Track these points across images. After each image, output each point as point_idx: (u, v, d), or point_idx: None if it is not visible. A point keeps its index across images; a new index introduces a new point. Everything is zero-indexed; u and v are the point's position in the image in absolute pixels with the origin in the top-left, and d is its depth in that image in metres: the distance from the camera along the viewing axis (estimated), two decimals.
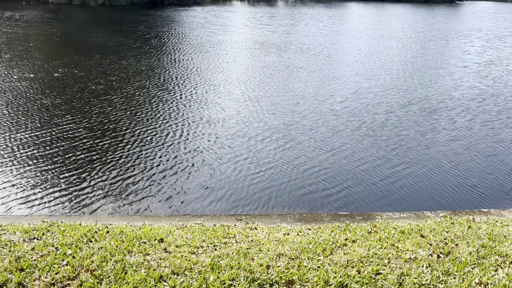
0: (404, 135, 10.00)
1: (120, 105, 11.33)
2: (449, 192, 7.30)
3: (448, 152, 9.11)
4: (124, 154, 8.27)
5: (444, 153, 9.05)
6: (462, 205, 6.88)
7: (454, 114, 11.75)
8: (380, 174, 7.91)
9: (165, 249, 4.38)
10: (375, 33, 31.97)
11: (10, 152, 8.17)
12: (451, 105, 12.72)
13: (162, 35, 26.02)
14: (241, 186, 7.25)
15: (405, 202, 6.94)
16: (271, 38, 26.70)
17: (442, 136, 10.11)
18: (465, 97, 13.65)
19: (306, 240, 4.75)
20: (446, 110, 12.17)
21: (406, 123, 10.92)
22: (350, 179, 7.67)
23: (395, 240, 4.78)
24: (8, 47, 19.41)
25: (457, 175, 8.01)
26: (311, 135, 9.76)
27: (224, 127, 10.01)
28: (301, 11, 52.13)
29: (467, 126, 10.84)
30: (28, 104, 11.11)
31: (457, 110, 12.14)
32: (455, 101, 13.13)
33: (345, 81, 15.41)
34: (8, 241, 4.34)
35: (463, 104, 12.85)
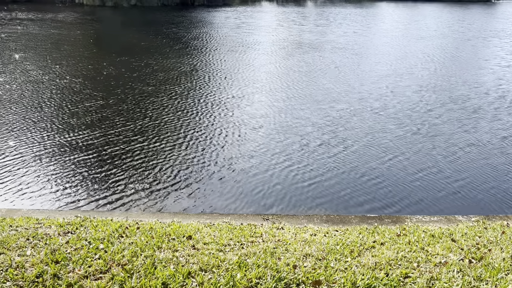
0: (439, 136, 9.77)
1: (157, 105, 11.57)
2: (483, 196, 7.09)
3: (485, 153, 8.84)
4: (155, 153, 8.44)
5: (481, 155, 8.80)
6: (496, 209, 6.67)
7: (495, 114, 11.38)
8: (410, 176, 7.77)
9: (193, 246, 4.46)
10: (410, 32, 31.41)
11: (49, 149, 8.47)
12: (492, 105, 12.33)
13: (199, 35, 26.38)
14: (268, 185, 7.27)
15: (435, 205, 6.79)
16: (307, 38, 26.79)
17: (481, 137, 9.82)
18: (508, 97, 13.19)
19: (334, 241, 4.73)
20: (487, 110, 11.81)
21: (443, 123, 10.67)
22: (379, 180, 7.57)
23: (424, 243, 4.70)
24: (55, 47, 20.13)
25: (492, 178, 7.77)
26: (342, 134, 9.68)
27: (256, 126, 10.05)
28: (333, 11, 51.71)
29: (508, 127, 10.49)
30: (69, 105, 11.49)
31: (499, 110, 11.76)
32: (497, 101, 12.70)
33: (382, 80, 15.25)
34: (44, 234, 4.51)
35: (505, 104, 12.42)
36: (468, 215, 6.06)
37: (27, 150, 8.33)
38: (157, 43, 22.79)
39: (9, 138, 8.87)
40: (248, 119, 10.66)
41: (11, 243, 4.21)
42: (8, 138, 8.87)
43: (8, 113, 10.47)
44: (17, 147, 8.47)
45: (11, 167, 7.59)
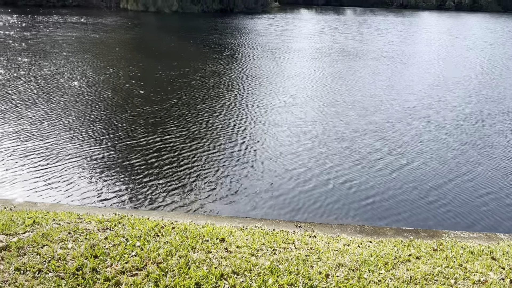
0: (487, 148, 9.45)
1: (203, 109, 11.79)
2: None
3: None
4: (191, 156, 8.59)
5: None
6: None
7: None
8: (451, 190, 7.54)
9: (226, 248, 4.51)
10: (457, 42, 30.69)
11: (94, 149, 8.80)
12: None
13: (244, 42, 26.78)
14: (300, 192, 7.25)
15: (475, 221, 6.55)
16: (352, 46, 26.86)
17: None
18: None
19: (367, 253, 4.66)
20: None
21: (494, 134, 10.33)
22: (417, 192, 7.39)
23: (463, 260, 4.55)
24: (107, 50, 20.94)
25: None
26: (380, 144, 9.53)
27: (294, 132, 10.06)
28: (376, 19, 51.14)
29: None
30: (120, 108, 11.90)
31: None
32: None
33: (428, 90, 14.99)
34: (84, 229, 4.69)
35: None
36: (511, 234, 5.82)
37: (74, 149, 8.67)
38: (203, 49, 23.24)
39: (62, 137, 9.28)
40: (293, 125, 10.66)
41: (54, 236, 4.40)
42: (62, 137, 9.27)
43: (66, 113, 10.95)
44: (66, 145, 8.84)
45: (57, 164, 7.93)
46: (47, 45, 21.78)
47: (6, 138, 9.03)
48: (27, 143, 8.80)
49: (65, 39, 24.00)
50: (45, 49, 20.60)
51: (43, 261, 3.86)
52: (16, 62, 17.07)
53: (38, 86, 13.49)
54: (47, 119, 10.34)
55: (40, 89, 13.15)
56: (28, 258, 3.89)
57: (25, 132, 9.40)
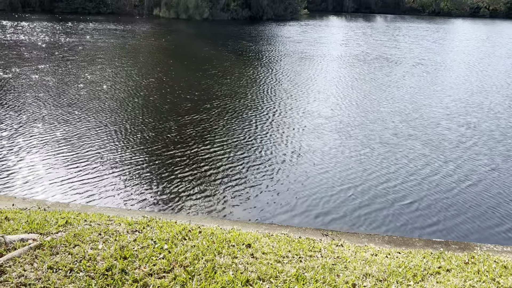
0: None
1: (226, 115, 11.92)
2: None
3: None
4: (219, 162, 8.67)
5: None
6: None
7: None
8: (483, 200, 7.32)
9: (252, 254, 4.52)
10: (497, 50, 30.03)
11: (117, 151, 9.01)
12: None
13: (281, 49, 26.94)
14: (328, 201, 7.19)
15: (507, 235, 6.33)
16: (389, 52, 26.83)
17: None
18: None
19: (396, 263, 4.57)
20: None
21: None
22: (448, 203, 7.20)
23: (496, 274, 4.40)
24: (149, 56, 21.51)
25: None
26: (409, 153, 9.35)
27: (321, 140, 10.01)
28: (408, 27, 50.43)
29: None
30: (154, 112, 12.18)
31: None
32: None
33: (461, 97, 14.69)
34: (114, 231, 4.80)
35: None
36: None
37: (104, 152, 8.91)
38: (240, 57, 23.43)
39: (99, 141, 9.55)
40: (316, 133, 10.62)
41: (85, 236, 4.52)
42: (99, 141, 9.55)
43: (107, 117, 11.28)
44: (96, 149, 9.09)
45: (91, 166, 8.16)
46: (91, 51, 22.53)
47: (48, 141, 9.37)
48: (63, 145, 9.10)
49: (107, 45, 24.79)
50: (90, 55, 21.30)
51: (75, 260, 3.97)
52: (64, 67, 17.69)
53: (85, 91, 13.92)
54: (90, 123, 10.66)
55: (88, 94, 13.57)
56: (61, 257, 4.01)
57: (62, 135, 9.72)
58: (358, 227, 6.41)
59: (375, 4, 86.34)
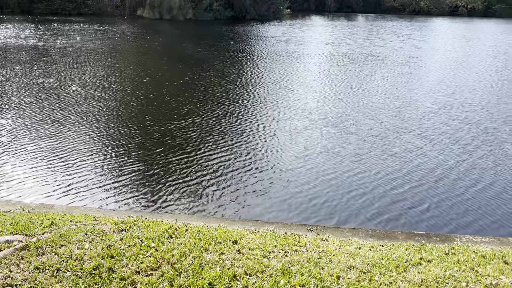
0: (496, 153, 9.39)
1: (207, 112, 11.94)
2: None
3: None
4: (204, 160, 8.70)
5: None
6: None
7: None
8: (462, 193, 7.52)
9: (238, 250, 4.58)
10: (481, 48, 30.74)
11: (99, 150, 8.97)
12: None
13: (267, 48, 26.81)
14: (313, 197, 7.29)
15: (488, 226, 6.52)
16: (378, 51, 27.16)
17: None
18: None
19: (379, 256, 4.69)
20: None
21: (491, 141, 10.25)
22: (429, 197, 7.38)
23: (474, 264, 4.55)
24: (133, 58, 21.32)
25: None
26: (390, 150, 9.53)
27: (305, 138, 10.12)
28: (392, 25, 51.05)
29: None
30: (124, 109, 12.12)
31: None
32: None
33: (431, 95, 14.95)
34: (100, 231, 4.81)
35: None
36: None
37: (84, 152, 8.85)
38: (224, 56, 23.37)
39: (82, 142, 9.48)
40: (304, 128, 10.73)
41: (72, 236, 4.52)
42: (81, 142, 9.48)
43: (89, 119, 11.17)
44: (73, 148, 9.03)
45: (74, 167, 8.10)
46: (81, 52, 22.19)
47: (29, 141, 9.26)
48: (47, 146, 9.01)
49: (96, 47, 24.36)
50: (81, 56, 20.98)
51: (61, 260, 3.98)
52: (55, 70, 17.37)
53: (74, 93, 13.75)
54: (70, 124, 10.56)
55: (77, 96, 13.37)
56: (47, 257, 4.01)
57: (47, 136, 9.62)
58: (343, 222, 6.52)
59: (356, 4, 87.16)
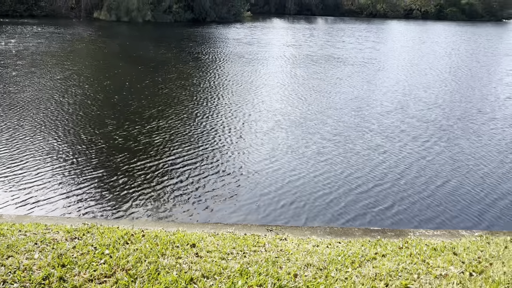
0: (438, 153, 9.78)
1: (171, 115, 11.76)
2: (488, 211, 7.08)
3: (490, 169, 8.84)
4: (161, 163, 8.57)
5: (486, 170, 8.79)
6: (501, 225, 6.66)
7: (496, 135, 11.39)
8: (415, 190, 7.79)
9: (196, 253, 4.54)
10: (426, 49, 31.95)
11: (54, 156, 8.65)
12: (495, 123, 12.36)
13: (228, 51, 26.72)
14: (272, 197, 7.34)
15: (439, 219, 6.79)
16: (337, 52, 27.71)
17: (485, 152, 9.84)
18: (506, 117, 13.22)
19: (335, 252, 4.78)
20: (488, 130, 11.81)
21: (440, 140, 10.69)
22: (384, 194, 7.60)
23: (426, 256, 4.72)
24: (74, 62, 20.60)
25: (497, 193, 7.76)
26: (346, 148, 9.74)
27: (261, 138, 10.16)
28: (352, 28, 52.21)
29: (509, 145, 10.48)
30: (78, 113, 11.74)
31: (499, 131, 11.75)
32: (497, 122, 12.73)
33: (390, 95, 15.42)
34: (52, 239, 4.63)
35: (506, 125, 12.43)
36: (472, 230, 6.07)
37: (39, 158, 8.51)
38: (183, 59, 23.18)
39: (22, 145, 9.09)
40: (260, 131, 10.77)
41: (20, 246, 4.33)
42: (21, 145, 9.08)
43: (38, 124, 10.71)
44: (29, 154, 8.67)
45: (23, 174, 7.76)
46: (36, 55, 21.32)
47: None
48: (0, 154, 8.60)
49: (52, 50, 23.46)
50: (36, 60, 20.13)
51: (8, 272, 3.80)
52: (8, 75, 16.57)
53: (30, 98, 13.17)
54: (27, 130, 10.11)
55: (33, 101, 12.81)
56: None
57: (1, 144, 9.18)
58: (307, 221, 6.60)
59: (316, 6, 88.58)
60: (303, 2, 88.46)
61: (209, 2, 54.62)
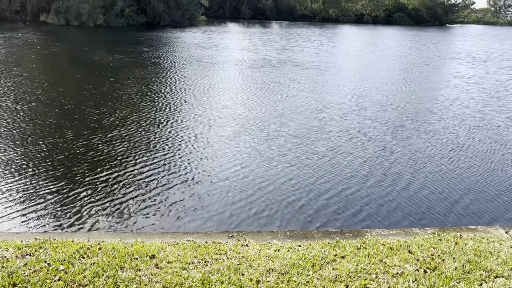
0: (392, 153, 10.16)
1: (116, 123, 11.45)
2: (438, 209, 7.43)
3: (437, 168, 9.28)
4: (116, 172, 8.34)
5: (433, 170, 9.21)
6: (450, 221, 7.00)
7: (446, 134, 11.99)
8: (370, 191, 8.03)
9: (156, 265, 4.44)
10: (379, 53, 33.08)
11: (3, 167, 8.21)
12: (441, 124, 12.99)
13: (187, 55, 26.37)
14: (232, 203, 7.32)
15: (394, 219, 7.04)
16: (294, 56, 28.03)
17: (437, 151, 10.32)
18: (455, 116, 13.96)
19: (296, 256, 4.83)
20: (438, 129, 12.40)
21: (394, 140, 11.11)
22: (341, 196, 7.78)
23: (383, 256, 4.88)
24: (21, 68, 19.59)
25: (445, 192, 8.15)
26: (302, 152, 9.89)
27: (217, 144, 10.13)
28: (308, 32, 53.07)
29: (458, 144, 11.06)
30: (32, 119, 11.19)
31: (449, 130, 12.38)
32: (447, 121, 13.40)
33: (346, 97, 15.84)
34: (0, 257, 4.38)
35: (455, 124, 13.12)
36: (425, 228, 6.33)
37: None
38: (134, 64, 22.63)
39: None
40: (217, 136, 10.73)
41: None
42: None
43: None
44: None
45: None
46: None
47: None
48: None
49: None
50: None
51: None
52: None
53: None
54: None
55: None
56: None
57: None
58: (264, 226, 6.63)
59: (270, 11, 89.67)
60: (258, 7, 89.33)
61: (162, 6, 53.92)
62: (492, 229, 6.18)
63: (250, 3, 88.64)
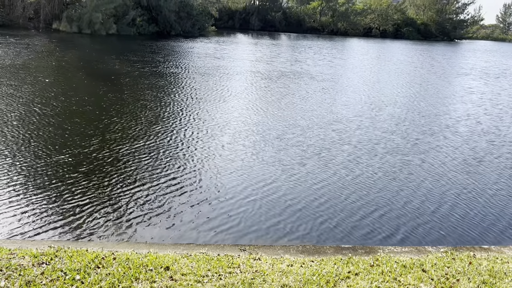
0: (406, 169, 10.14)
1: (137, 134, 11.54)
2: (451, 228, 7.38)
3: (451, 187, 9.24)
4: (129, 183, 8.40)
5: (447, 188, 9.17)
6: (463, 240, 6.95)
7: (463, 149, 12.00)
8: (382, 207, 8.01)
9: (171, 277, 4.46)
10: (391, 66, 33.26)
11: (16, 176, 8.30)
12: (454, 139, 12.97)
13: (199, 64, 26.55)
14: (244, 216, 7.33)
15: (406, 236, 7.00)
16: (308, 69, 28.28)
17: (446, 170, 10.27)
18: (469, 133, 13.93)
19: (310, 272, 4.83)
20: (455, 144, 12.38)
21: (410, 156, 11.10)
22: (353, 212, 7.76)
23: (397, 274, 4.86)
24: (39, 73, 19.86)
25: (459, 210, 8.11)
26: (315, 167, 9.90)
27: (231, 155, 10.17)
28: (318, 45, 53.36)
29: (475, 159, 11.06)
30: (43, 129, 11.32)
31: (466, 145, 12.38)
32: (459, 137, 13.38)
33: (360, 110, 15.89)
34: (18, 265, 4.43)
35: (473, 139, 13.15)
36: (437, 246, 6.30)
37: (3, 179, 8.14)
38: (148, 73, 22.87)
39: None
40: (230, 146, 10.77)
41: None
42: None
43: None
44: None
45: None
46: None
47: None
48: None
49: (10, 64, 22.50)
50: None
51: None
52: None
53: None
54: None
55: None
56: None
57: None
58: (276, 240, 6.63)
59: (279, 23, 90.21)
60: (267, 19, 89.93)
61: (174, 16, 54.48)
62: (506, 249, 6.14)
63: (260, 15, 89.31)
